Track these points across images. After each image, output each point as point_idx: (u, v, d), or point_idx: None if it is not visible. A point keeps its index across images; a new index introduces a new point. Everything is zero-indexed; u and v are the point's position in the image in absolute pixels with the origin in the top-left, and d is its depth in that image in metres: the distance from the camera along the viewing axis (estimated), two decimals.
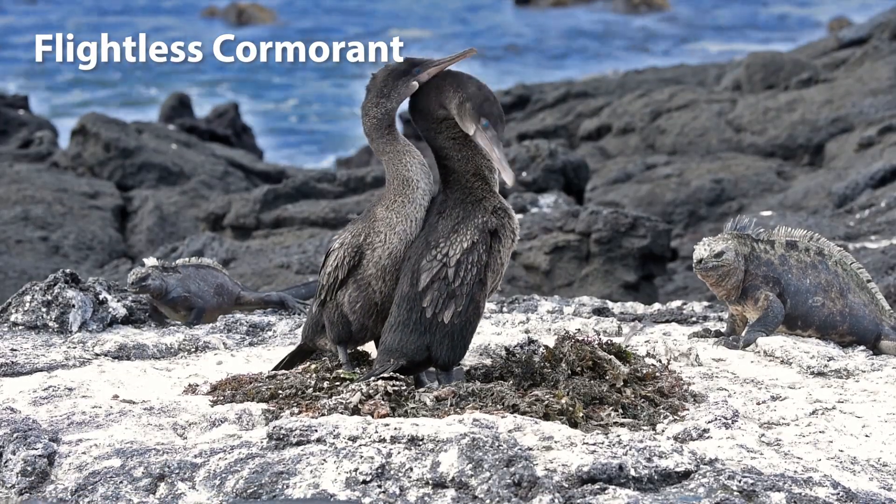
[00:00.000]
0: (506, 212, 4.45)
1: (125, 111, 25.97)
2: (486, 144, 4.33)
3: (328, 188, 12.40)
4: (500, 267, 4.45)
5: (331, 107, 31.45)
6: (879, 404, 4.56)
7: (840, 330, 5.34)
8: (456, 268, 4.37)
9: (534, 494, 3.65)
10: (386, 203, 4.55)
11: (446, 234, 4.41)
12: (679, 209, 14.02)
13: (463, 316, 4.38)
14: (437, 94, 4.42)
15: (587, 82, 20.66)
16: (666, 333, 5.56)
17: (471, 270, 4.37)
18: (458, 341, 4.39)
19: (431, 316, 4.36)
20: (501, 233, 4.43)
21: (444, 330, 4.37)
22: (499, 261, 4.44)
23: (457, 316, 4.37)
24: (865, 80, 16.20)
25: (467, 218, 4.42)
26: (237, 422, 4.22)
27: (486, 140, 4.33)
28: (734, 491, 3.65)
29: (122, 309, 5.81)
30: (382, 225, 4.52)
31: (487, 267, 4.41)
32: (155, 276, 5.85)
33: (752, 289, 5.30)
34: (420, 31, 40.01)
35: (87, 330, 5.55)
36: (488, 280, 4.42)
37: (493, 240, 4.42)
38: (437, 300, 4.36)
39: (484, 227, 4.41)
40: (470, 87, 4.37)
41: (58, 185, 14.37)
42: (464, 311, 4.37)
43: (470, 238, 4.39)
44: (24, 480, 3.93)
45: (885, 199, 10.76)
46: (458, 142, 4.43)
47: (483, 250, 4.39)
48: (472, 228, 4.40)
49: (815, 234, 5.41)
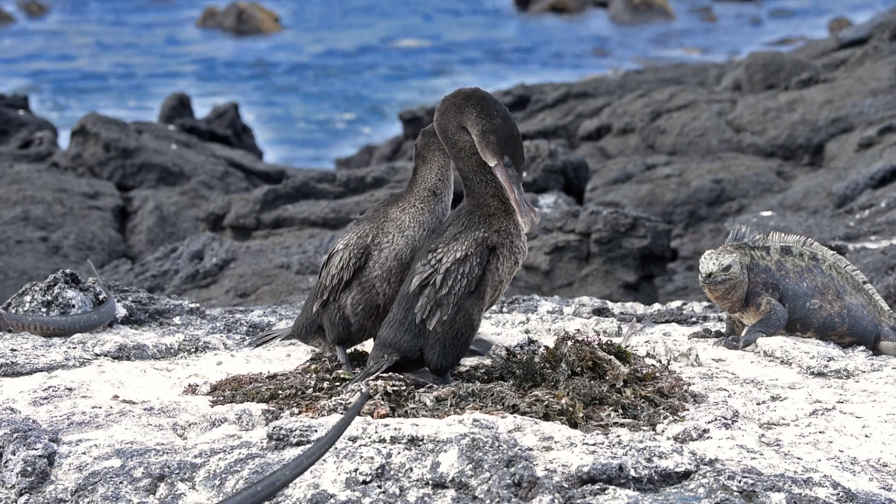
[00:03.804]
0: (510, 235, 4.36)
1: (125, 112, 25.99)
2: (505, 183, 4.23)
3: (328, 188, 12.40)
4: (498, 283, 4.39)
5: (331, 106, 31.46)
6: (879, 404, 4.56)
7: (839, 331, 5.34)
8: (444, 276, 4.33)
9: (534, 495, 3.65)
10: (403, 206, 4.52)
11: (446, 242, 4.38)
12: (679, 209, 14.02)
13: (449, 325, 4.33)
14: (457, 114, 4.29)
15: (587, 82, 20.67)
16: (666, 334, 5.56)
17: (460, 281, 4.32)
18: (449, 350, 4.36)
19: (420, 321, 4.35)
20: (500, 251, 4.35)
21: (434, 336, 4.35)
22: (497, 277, 4.37)
23: (441, 324, 4.33)
24: (865, 80, 16.20)
25: (469, 230, 4.37)
26: (237, 422, 4.22)
27: (505, 178, 4.23)
28: (734, 491, 3.65)
29: (122, 309, 5.81)
30: (392, 226, 4.50)
31: (483, 281, 4.35)
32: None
33: (753, 296, 5.31)
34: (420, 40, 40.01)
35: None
36: (486, 295, 4.37)
37: (491, 256, 4.35)
38: (425, 306, 4.35)
39: (483, 242, 4.34)
40: (496, 118, 4.24)
41: (58, 185, 14.37)
42: (450, 320, 4.33)
43: (465, 249, 4.34)
44: (24, 481, 3.93)
45: (885, 199, 10.76)
46: (479, 164, 4.32)
47: (476, 263, 4.32)
48: (469, 240, 4.34)
49: (808, 239, 5.42)
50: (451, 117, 4.31)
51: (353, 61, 37.09)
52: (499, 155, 4.23)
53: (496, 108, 4.27)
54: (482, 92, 4.33)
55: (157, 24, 43.50)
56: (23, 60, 36.14)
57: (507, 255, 4.38)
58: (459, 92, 4.35)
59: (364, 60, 37.19)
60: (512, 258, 4.39)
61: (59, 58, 36.76)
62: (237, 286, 10.22)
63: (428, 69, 35.74)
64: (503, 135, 4.23)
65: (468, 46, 38.98)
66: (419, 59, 37.32)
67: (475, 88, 4.35)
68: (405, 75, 35.05)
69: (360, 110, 31.11)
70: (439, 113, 4.34)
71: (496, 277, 4.38)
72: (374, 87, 33.57)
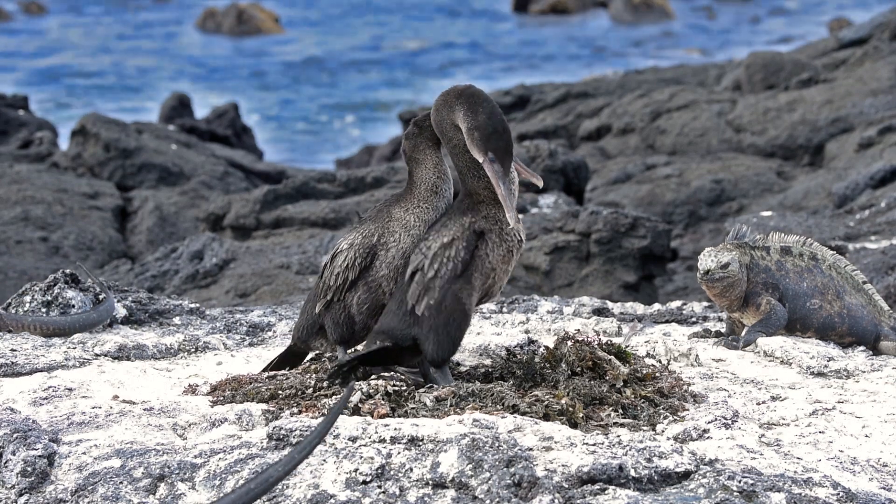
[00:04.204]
0: (499, 222, 4.38)
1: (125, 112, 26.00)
2: (493, 179, 4.27)
3: (328, 188, 12.40)
4: (490, 271, 4.39)
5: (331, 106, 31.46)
6: (879, 404, 4.56)
7: (839, 331, 5.34)
8: (431, 260, 4.35)
9: (534, 495, 3.65)
10: (406, 206, 4.52)
11: (437, 230, 4.41)
12: (679, 209, 14.02)
13: (437, 310, 4.34)
14: (449, 112, 4.34)
15: (587, 82, 20.66)
16: (666, 334, 5.56)
17: (446, 265, 4.34)
18: (443, 338, 4.36)
19: (411, 308, 4.36)
20: (488, 236, 4.36)
21: (427, 325, 4.35)
22: (487, 263, 4.37)
23: (429, 308, 4.34)
24: (865, 80, 16.20)
25: (457, 216, 4.40)
26: (237, 422, 4.22)
27: (492, 174, 4.26)
28: (734, 491, 3.65)
29: (122, 309, 5.81)
30: (398, 225, 4.51)
31: (471, 266, 4.37)
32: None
33: (753, 295, 5.31)
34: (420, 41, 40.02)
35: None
36: (475, 280, 4.38)
37: (480, 241, 4.37)
38: (416, 292, 4.37)
39: (469, 227, 4.36)
40: (480, 115, 4.27)
41: (58, 185, 14.37)
42: (437, 304, 4.34)
43: (451, 234, 4.36)
44: (23, 481, 3.93)
45: (885, 199, 10.75)
46: (472, 160, 4.35)
47: (463, 247, 4.34)
48: (456, 225, 4.37)
49: (808, 239, 5.43)
50: (444, 115, 4.35)
51: (353, 61, 37.09)
52: (483, 151, 4.26)
53: (482, 105, 4.28)
54: (473, 89, 4.35)
55: (156, 24, 43.48)
56: (22, 60, 36.13)
57: (498, 242, 4.38)
58: (452, 90, 4.38)
59: (364, 61, 37.20)
60: (504, 246, 4.39)
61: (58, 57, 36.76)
62: (237, 286, 10.23)
63: (428, 69, 35.75)
64: (486, 131, 4.24)
65: (468, 47, 38.99)
66: (419, 59, 37.34)
67: (467, 86, 4.38)
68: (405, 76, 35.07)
69: (360, 110, 31.11)
70: (434, 111, 4.39)
71: (486, 264, 4.37)
72: (374, 88, 33.58)
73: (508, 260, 4.44)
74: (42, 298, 5.67)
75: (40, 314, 5.59)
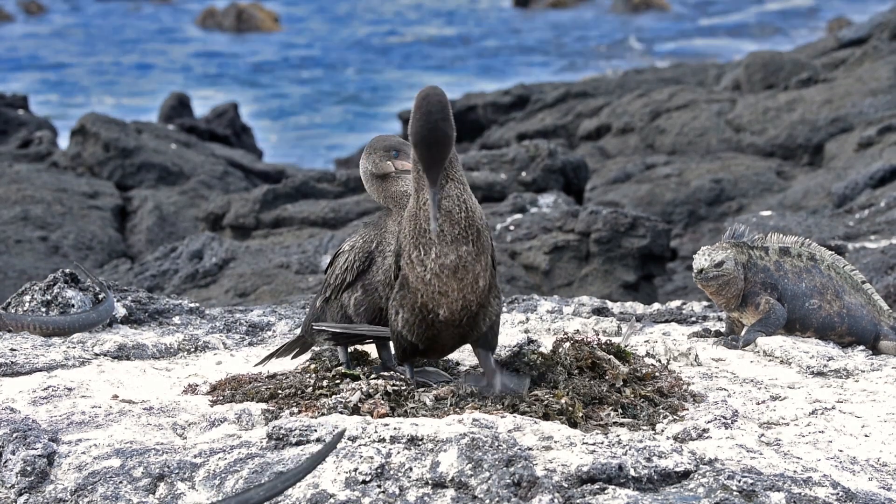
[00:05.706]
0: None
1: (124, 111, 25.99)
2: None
3: (328, 188, 12.39)
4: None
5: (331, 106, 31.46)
6: (879, 404, 4.56)
7: (839, 331, 5.34)
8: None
9: (533, 494, 3.65)
10: (397, 219, 4.57)
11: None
12: (679, 209, 14.02)
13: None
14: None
15: (587, 82, 20.65)
16: (665, 333, 5.56)
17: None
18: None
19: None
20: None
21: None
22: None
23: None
24: (865, 80, 16.19)
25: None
26: (237, 422, 4.22)
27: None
28: (734, 491, 3.65)
29: (122, 309, 5.81)
30: (392, 237, 4.56)
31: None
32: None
33: (751, 295, 5.31)
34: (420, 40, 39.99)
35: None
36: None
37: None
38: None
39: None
40: (414, 122, 4.07)
41: (57, 185, 14.37)
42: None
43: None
44: (23, 480, 3.93)
45: (885, 199, 10.75)
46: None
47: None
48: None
49: (807, 240, 5.43)
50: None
51: (352, 61, 37.07)
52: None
53: (418, 111, 4.06)
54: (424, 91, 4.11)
55: (156, 24, 43.47)
56: (22, 60, 36.11)
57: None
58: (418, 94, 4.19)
59: (364, 60, 37.18)
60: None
61: (58, 57, 36.75)
62: (237, 286, 10.22)
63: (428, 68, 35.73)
64: (414, 138, 4.07)
65: (468, 45, 38.97)
66: (420, 58, 37.32)
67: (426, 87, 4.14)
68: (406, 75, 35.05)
69: (360, 110, 31.10)
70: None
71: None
72: (374, 87, 33.56)
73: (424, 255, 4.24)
74: (42, 298, 5.66)
75: (40, 314, 5.59)
